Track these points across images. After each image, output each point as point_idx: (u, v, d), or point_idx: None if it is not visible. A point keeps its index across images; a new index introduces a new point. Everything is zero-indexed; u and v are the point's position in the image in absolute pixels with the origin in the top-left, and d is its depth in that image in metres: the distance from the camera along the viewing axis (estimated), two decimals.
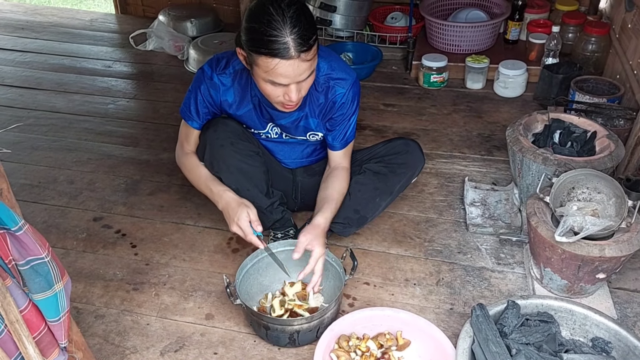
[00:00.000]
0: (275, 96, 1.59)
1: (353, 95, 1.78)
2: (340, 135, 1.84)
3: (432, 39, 3.21)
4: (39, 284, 1.16)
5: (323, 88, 1.75)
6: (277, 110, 1.73)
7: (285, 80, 1.51)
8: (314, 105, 1.79)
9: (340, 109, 1.79)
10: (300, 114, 1.80)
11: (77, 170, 2.47)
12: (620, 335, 1.53)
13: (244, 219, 1.66)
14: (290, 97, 1.56)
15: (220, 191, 1.76)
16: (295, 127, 1.84)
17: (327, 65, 1.74)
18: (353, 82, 1.77)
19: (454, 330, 1.69)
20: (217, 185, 1.78)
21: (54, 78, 3.28)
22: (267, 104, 1.75)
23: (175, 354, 1.66)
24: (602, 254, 1.56)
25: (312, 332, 1.62)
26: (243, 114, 1.82)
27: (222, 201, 1.75)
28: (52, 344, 1.26)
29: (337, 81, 1.75)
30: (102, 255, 2.02)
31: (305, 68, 1.51)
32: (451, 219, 2.14)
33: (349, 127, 1.83)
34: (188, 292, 1.86)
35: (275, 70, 1.48)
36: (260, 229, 1.67)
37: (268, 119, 1.83)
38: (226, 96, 1.78)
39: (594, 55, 2.83)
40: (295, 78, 1.51)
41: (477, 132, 2.66)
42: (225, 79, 1.75)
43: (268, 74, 1.50)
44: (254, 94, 1.76)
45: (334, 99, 1.77)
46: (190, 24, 3.56)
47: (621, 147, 1.89)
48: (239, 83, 1.76)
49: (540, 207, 1.72)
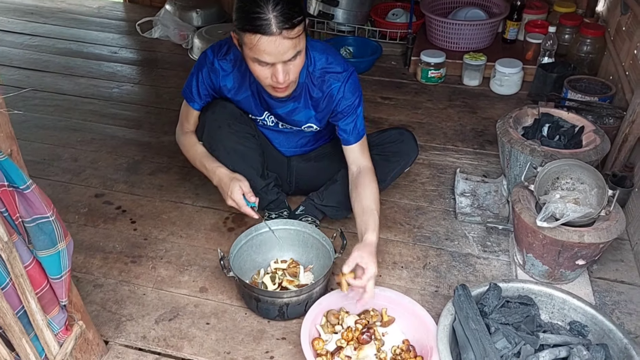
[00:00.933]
0: (264, 77, 1.63)
1: (352, 87, 1.81)
2: (351, 128, 1.84)
3: (431, 36, 3.28)
4: (43, 242, 1.23)
5: (319, 81, 1.80)
6: (273, 99, 1.80)
7: (268, 57, 1.55)
8: (311, 99, 1.83)
9: (342, 102, 1.81)
10: (296, 105, 1.85)
11: (80, 149, 2.54)
12: (596, 319, 1.59)
13: (236, 191, 1.72)
14: (278, 78, 1.59)
15: (213, 167, 1.82)
16: (290, 118, 1.90)
17: (324, 59, 1.78)
18: (349, 75, 1.80)
19: (438, 310, 1.76)
20: (211, 162, 1.84)
21: (61, 61, 3.36)
22: (265, 93, 1.81)
23: (170, 323, 1.73)
24: (581, 240, 1.63)
25: (301, 306, 1.69)
26: (241, 99, 1.88)
27: (216, 177, 1.81)
28: (53, 302, 1.33)
29: (332, 75, 1.79)
30: (103, 229, 2.09)
31: (289, 46, 1.54)
32: (441, 207, 2.21)
33: (357, 118, 1.84)
34: (184, 266, 1.93)
35: (258, 46, 1.52)
36: (253, 199, 1.73)
37: (265, 107, 1.89)
38: (225, 81, 1.84)
39: (588, 56, 2.91)
40: (279, 57, 1.55)
41: (470, 127, 2.73)
42: (225, 64, 1.81)
43: (252, 51, 1.55)
44: (253, 81, 1.81)
45: (331, 92, 1.80)
46: (195, 13, 3.64)
47: (607, 142, 1.96)
48: (239, 70, 1.82)
49: (525, 195, 1.79)
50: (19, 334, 1.22)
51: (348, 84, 1.79)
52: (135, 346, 1.66)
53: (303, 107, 1.85)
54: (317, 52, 1.77)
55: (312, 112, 1.87)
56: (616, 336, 1.54)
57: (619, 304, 1.81)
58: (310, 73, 1.78)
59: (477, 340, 1.49)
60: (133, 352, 1.64)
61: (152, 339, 1.68)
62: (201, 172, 1.90)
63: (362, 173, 1.83)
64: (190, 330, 1.70)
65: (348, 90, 1.80)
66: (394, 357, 1.59)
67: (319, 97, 1.82)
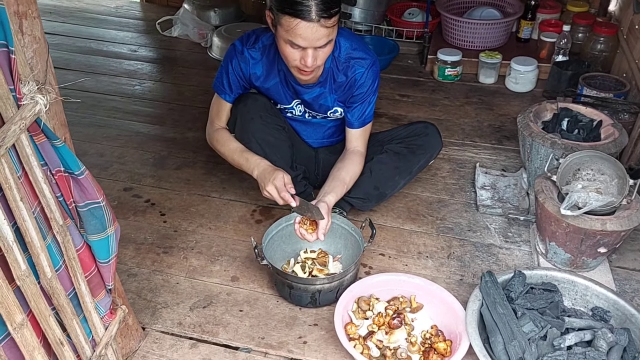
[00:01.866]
0: (293, 59, 1.70)
1: (373, 75, 1.89)
2: (359, 113, 1.94)
3: (447, 35, 3.33)
4: (95, 226, 1.29)
5: (344, 67, 1.88)
6: (300, 85, 1.87)
7: (303, 42, 1.63)
8: (335, 83, 1.91)
9: (360, 88, 1.90)
10: (322, 90, 1.92)
11: (106, 145, 2.60)
12: (618, 305, 1.65)
13: (280, 178, 1.77)
14: (306, 61, 1.67)
15: (257, 159, 1.87)
16: (317, 104, 1.97)
17: (349, 45, 1.86)
18: (373, 62, 1.89)
19: (463, 298, 1.81)
20: (253, 155, 1.90)
21: (82, 60, 3.42)
22: (292, 79, 1.88)
23: (204, 310, 1.78)
24: (603, 228, 1.68)
25: (332, 293, 1.75)
26: (270, 87, 1.94)
27: (259, 168, 1.85)
28: (100, 285, 1.39)
29: (357, 60, 1.87)
30: (133, 221, 2.15)
31: (323, 34, 1.62)
32: (462, 200, 2.27)
33: (368, 106, 1.94)
34: (214, 256, 1.99)
35: (295, 30, 1.60)
36: (293, 191, 1.77)
37: (293, 94, 1.96)
38: (255, 69, 1.90)
39: (602, 54, 2.96)
40: (313, 42, 1.63)
41: (488, 123, 2.78)
42: (254, 52, 1.88)
43: (288, 33, 1.62)
44: (280, 68, 1.88)
45: (354, 77, 1.88)
46: (214, 13, 3.70)
47: (625, 135, 2.01)
48: (267, 57, 1.89)
49: (548, 185, 1.84)
50: (71, 315, 1.28)
51: (371, 71, 1.88)
52: (172, 332, 1.72)
53: (328, 92, 1.93)
54: (343, 38, 1.85)
55: (335, 96, 1.94)
56: (638, 320, 1.60)
57: (639, 291, 1.86)
58: (336, 58, 1.86)
59: (504, 324, 1.54)
60: (170, 337, 1.70)
61: (188, 325, 1.73)
62: (238, 165, 1.94)
63: (354, 153, 1.97)
64: (224, 317, 1.76)
65: (369, 77, 1.89)
66: (423, 341, 1.64)
67: (343, 82, 1.90)
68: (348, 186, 1.92)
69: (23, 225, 1.05)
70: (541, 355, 1.51)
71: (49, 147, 1.12)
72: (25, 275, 1.07)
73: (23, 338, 1.10)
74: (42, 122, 1.07)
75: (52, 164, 1.14)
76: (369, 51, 1.90)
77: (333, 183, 1.87)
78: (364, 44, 1.91)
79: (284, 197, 1.75)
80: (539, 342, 1.54)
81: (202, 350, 1.66)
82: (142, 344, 1.68)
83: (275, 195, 1.77)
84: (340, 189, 1.87)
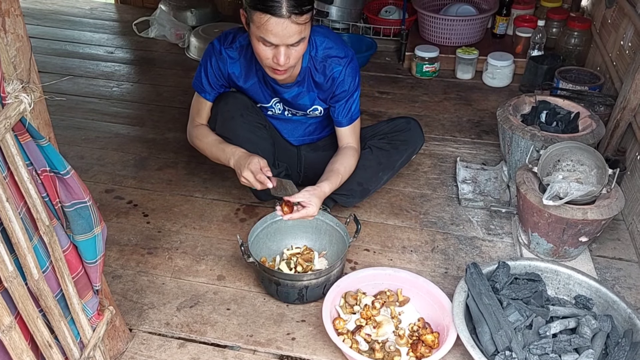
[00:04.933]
0: (265, 57, 1.70)
1: (352, 72, 1.90)
2: (345, 111, 1.95)
3: (424, 32, 3.36)
4: (81, 226, 1.28)
5: (321, 66, 1.88)
6: (278, 84, 1.88)
7: (274, 38, 1.62)
8: (313, 82, 1.91)
9: (341, 86, 1.90)
10: (300, 89, 1.92)
11: (86, 147, 2.58)
12: (600, 292, 1.68)
13: (255, 162, 1.75)
14: (279, 59, 1.67)
15: (232, 149, 1.86)
16: (296, 103, 1.97)
17: (325, 44, 1.86)
18: (350, 59, 1.89)
19: (449, 290, 1.82)
20: (228, 145, 1.88)
21: (58, 62, 3.38)
22: (270, 79, 1.87)
23: (191, 310, 1.78)
24: (585, 217, 1.71)
25: (320, 289, 1.75)
26: (249, 87, 1.94)
27: (235, 156, 1.83)
28: (87, 287, 1.37)
29: (334, 59, 1.87)
30: (116, 223, 2.13)
31: (295, 31, 1.62)
32: (444, 194, 2.29)
33: (353, 102, 1.95)
34: (199, 256, 1.98)
35: (266, 26, 1.60)
36: (269, 173, 1.75)
37: (272, 93, 1.96)
38: (233, 68, 1.90)
39: (576, 48, 3.01)
40: (284, 39, 1.63)
41: (467, 118, 2.81)
42: (232, 52, 1.88)
43: (259, 29, 1.62)
44: (258, 68, 1.88)
45: (332, 76, 1.89)
46: (190, 13, 3.68)
47: (602, 126, 2.05)
48: (245, 57, 1.88)
49: (529, 177, 1.87)
50: (59, 317, 1.27)
51: (349, 68, 1.88)
52: (160, 332, 1.71)
53: (307, 91, 1.93)
54: (320, 37, 1.85)
55: (315, 94, 1.95)
56: (620, 307, 1.63)
57: (619, 279, 1.90)
58: (313, 57, 1.86)
59: (490, 314, 1.57)
60: (157, 338, 1.69)
61: (176, 325, 1.73)
62: (216, 158, 1.92)
63: (347, 148, 1.97)
64: (212, 316, 1.76)
65: (348, 75, 1.89)
66: (411, 334, 1.66)
67: (322, 81, 1.90)
68: (343, 177, 1.90)
69: (9, 225, 1.04)
70: (527, 343, 1.53)
71: (34, 147, 1.11)
72: (13, 276, 1.06)
73: (11, 341, 1.08)
74: (27, 122, 1.06)
75: (37, 163, 1.13)
76: (346, 48, 1.90)
77: (327, 174, 1.87)
78: (341, 41, 1.91)
79: (259, 179, 1.72)
80: (525, 331, 1.57)
81: (191, 349, 1.65)
82: (129, 345, 1.66)
83: (252, 179, 1.74)
84: (335, 179, 1.86)
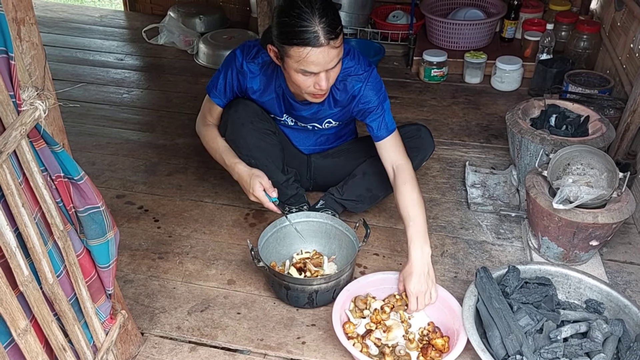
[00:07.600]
0: (306, 87, 1.69)
1: (374, 86, 1.86)
2: (380, 123, 1.88)
3: (432, 36, 3.37)
4: (95, 231, 1.29)
5: (341, 85, 1.86)
6: (298, 102, 1.87)
7: (316, 68, 1.62)
8: (333, 100, 1.89)
9: (365, 101, 1.86)
10: (319, 107, 1.92)
11: (97, 153, 2.60)
12: (611, 296, 1.68)
13: (257, 188, 1.79)
14: (321, 85, 1.66)
15: (232, 163, 1.89)
16: (314, 118, 1.97)
17: (345, 61, 1.81)
18: (370, 74, 1.85)
19: (458, 295, 1.82)
20: (230, 157, 1.90)
21: (68, 69, 3.41)
22: (290, 96, 1.87)
23: (202, 314, 1.79)
24: (595, 221, 1.71)
25: (329, 293, 1.76)
26: (266, 101, 1.94)
27: (235, 173, 1.89)
28: (100, 291, 1.39)
29: (353, 77, 1.84)
30: (127, 228, 2.14)
31: (334, 55, 1.62)
32: (453, 199, 2.29)
33: (385, 113, 1.89)
34: (210, 260, 2.00)
35: (307, 58, 1.59)
36: (274, 194, 1.80)
37: (287, 110, 1.96)
38: (252, 83, 1.90)
39: (585, 51, 3.01)
40: (325, 65, 1.62)
41: (475, 122, 2.81)
42: (253, 67, 1.87)
43: (300, 63, 1.61)
44: (279, 85, 1.88)
45: (353, 93, 1.87)
46: (199, 20, 3.71)
47: (612, 130, 2.05)
48: (265, 74, 1.88)
49: (539, 180, 1.87)
50: (72, 321, 1.28)
51: (369, 83, 1.85)
52: (171, 336, 1.72)
53: (327, 108, 1.92)
54: None
55: (334, 110, 1.93)
56: (631, 311, 1.62)
57: (630, 283, 1.90)
58: None
59: (501, 318, 1.56)
60: (169, 342, 1.70)
61: (187, 329, 1.74)
62: (220, 165, 1.96)
63: (400, 172, 1.84)
64: (222, 320, 1.77)
65: (370, 89, 1.85)
66: (421, 338, 1.66)
67: (343, 99, 1.89)
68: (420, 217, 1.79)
69: (25, 230, 1.05)
70: (538, 348, 1.53)
71: (49, 153, 1.12)
72: (28, 280, 1.07)
73: (27, 344, 1.10)
74: (41, 128, 1.07)
75: (52, 169, 1.14)
76: (365, 64, 1.86)
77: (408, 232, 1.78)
78: (358, 56, 1.88)
79: (268, 208, 1.84)
80: (536, 335, 1.57)
81: (202, 353, 1.66)
82: (141, 349, 1.68)
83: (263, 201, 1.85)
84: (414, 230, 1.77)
